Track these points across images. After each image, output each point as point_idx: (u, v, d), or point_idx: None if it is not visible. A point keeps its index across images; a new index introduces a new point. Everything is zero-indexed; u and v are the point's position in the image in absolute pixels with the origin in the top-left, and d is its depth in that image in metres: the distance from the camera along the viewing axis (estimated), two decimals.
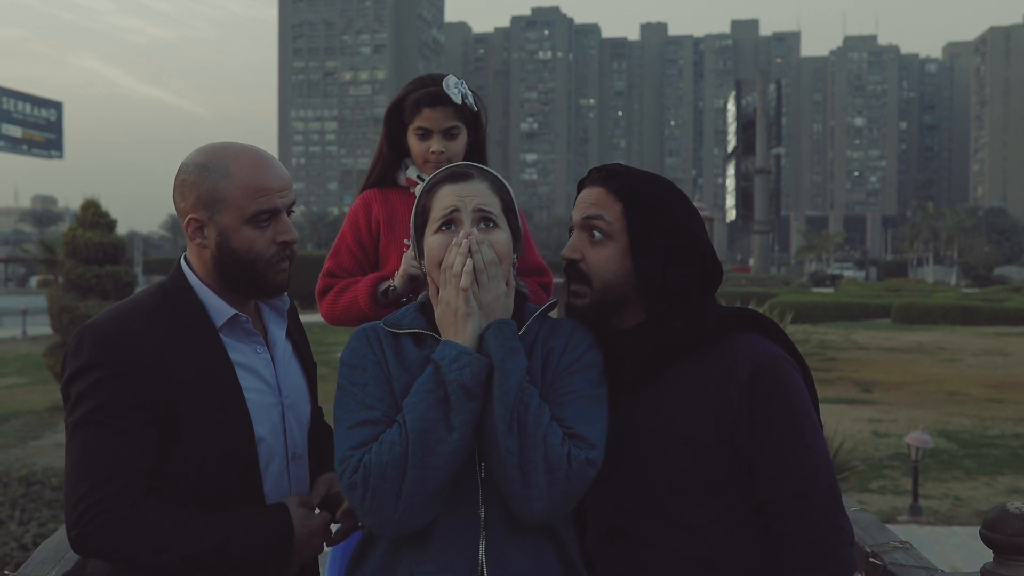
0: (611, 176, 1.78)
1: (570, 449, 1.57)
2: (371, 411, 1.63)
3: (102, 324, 1.73)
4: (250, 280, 1.80)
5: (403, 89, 2.53)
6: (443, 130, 2.46)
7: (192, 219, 1.78)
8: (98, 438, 1.64)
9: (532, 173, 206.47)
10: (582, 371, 1.69)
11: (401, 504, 1.55)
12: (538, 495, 1.56)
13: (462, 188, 1.72)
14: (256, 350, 1.84)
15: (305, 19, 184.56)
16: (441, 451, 1.56)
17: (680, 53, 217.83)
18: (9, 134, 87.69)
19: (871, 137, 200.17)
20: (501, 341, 1.62)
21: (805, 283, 67.20)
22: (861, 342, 26.29)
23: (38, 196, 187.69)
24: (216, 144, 1.83)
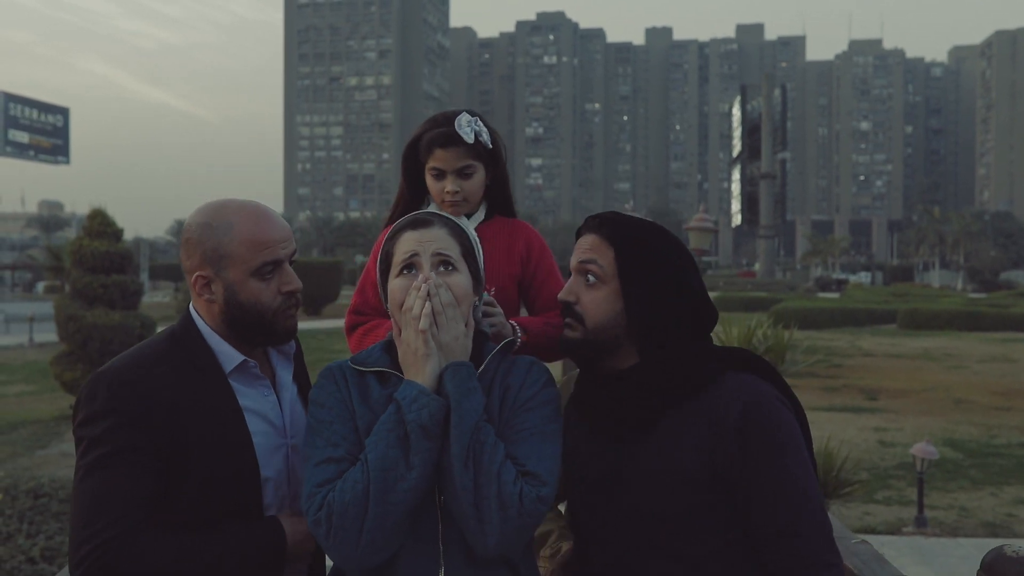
0: (604, 223, 1.87)
1: (522, 487, 1.64)
2: (335, 449, 1.70)
3: (115, 371, 1.78)
4: (259, 330, 1.87)
5: (418, 128, 2.54)
6: (456, 170, 2.44)
7: (199, 276, 1.84)
8: (106, 482, 1.70)
9: (537, 178, 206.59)
10: (537, 408, 1.75)
11: (363, 540, 1.61)
12: (491, 531, 1.62)
13: (422, 234, 1.80)
14: (264, 393, 1.91)
15: (311, 24, 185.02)
16: (401, 488, 1.62)
17: (685, 57, 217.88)
18: (16, 140, 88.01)
19: (876, 141, 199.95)
20: (457, 382, 1.69)
21: (811, 288, 67.17)
22: (867, 348, 26.24)
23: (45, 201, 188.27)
24: (216, 202, 1.89)
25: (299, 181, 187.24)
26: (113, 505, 1.69)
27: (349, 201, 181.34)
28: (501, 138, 2.58)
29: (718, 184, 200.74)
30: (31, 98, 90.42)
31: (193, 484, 1.76)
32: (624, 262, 1.82)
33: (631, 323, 1.81)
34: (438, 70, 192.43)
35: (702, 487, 1.72)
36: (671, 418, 1.76)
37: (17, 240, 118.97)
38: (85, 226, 15.15)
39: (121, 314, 14.54)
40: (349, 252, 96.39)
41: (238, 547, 1.79)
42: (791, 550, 1.67)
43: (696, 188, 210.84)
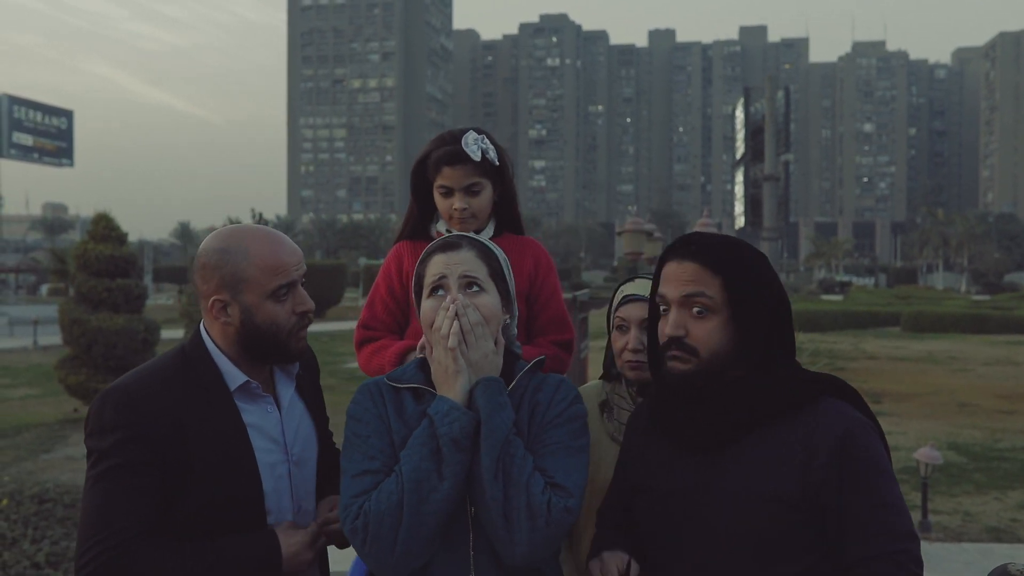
0: (702, 250, 1.81)
1: (551, 498, 1.71)
2: (372, 461, 1.78)
3: (124, 388, 1.86)
4: (273, 350, 1.96)
5: (426, 146, 2.57)
6: (464, 187, 2.48)
7: (216, 300, 1.91)
8: (111, 493, 1.78)
9: (540, 180, 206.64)
10: (564, 424, 1.83)
11: (398, 548, 1.69)
12: (520, 540, 1.69)
13: (450, 257, 1.88)
14: (267, 410, 1.98)
15: (314, 26, 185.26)
16: (434, 499, 1.70)
17: (688, 59, 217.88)
18: (20, 142, 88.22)
19: (880, 143, 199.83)
20: (488, 397, 1.77)
21: (814, 290, 67.07)
22: (871, 351, 26.20)
23: (49, 204, 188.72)
24: (231, 228, 1.97)
25: (302, 183, 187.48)
26: (116, 515, 1.76)
27: (352, 203, 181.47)
28: (508, 155, 2.61)
29: (721, 186, 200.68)
30: (35, 100, 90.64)
31: (195, 499, 1.83)
32: (734, 291, 1.79)
33: (743, 349, 1.80)
34: (441, 72, 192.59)
35: (791, 506, 1.73)
36: (762, 437, 1.77)
37: (21, 243, 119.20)
38: (89, 230, 15.18)
39: (125, 317, 14.57)
40: (352, 254, 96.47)
41: (234, 558, 1.84)
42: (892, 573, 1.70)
43: (699, 190, 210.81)
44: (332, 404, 1.95)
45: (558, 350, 2.58)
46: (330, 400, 2.12)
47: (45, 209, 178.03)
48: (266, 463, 1.92)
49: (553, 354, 2.54)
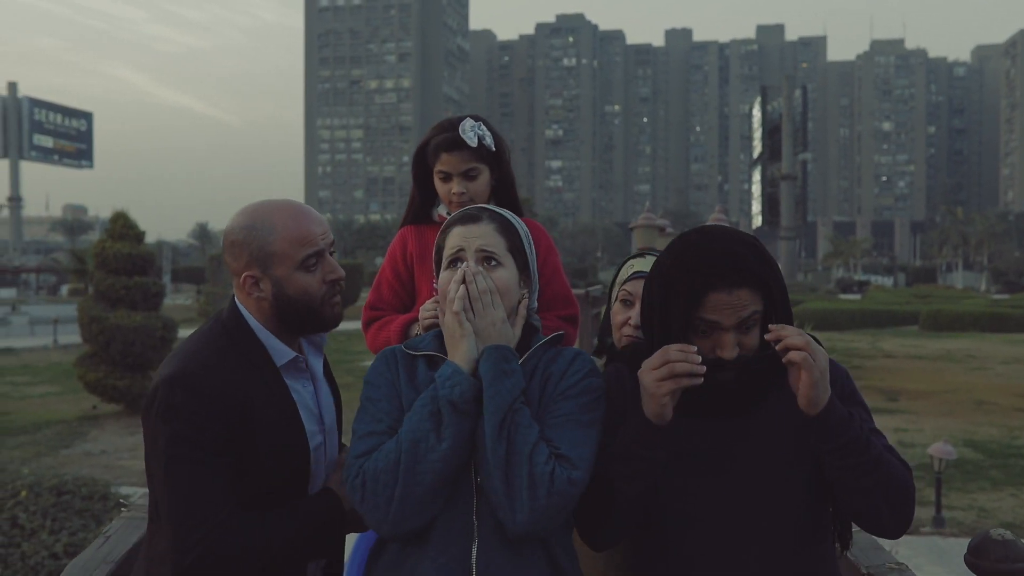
0: (750, 274, 1.78)
1: (554, 468, 1.71)
2: (378, 424, 1.83)
3: (191, 372, 1.87)
4: (308, 319, 1.98)
5: (426, 134, 2.71)
6: (462, 172, 2.60)
7: (248, 276, 1.94)
8: (196, 477, 1.81)
9: (557, 180, 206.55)
10: (576, 397, 1.82)
11: (393, 506, 1.72)
12: (520, 508, 1.70)
13: (468, 230, 1.91)
14: (304, 384, 2.03)
15: (331, 28, 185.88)
16: (430, 459, 1.72)
17: (705, 59, 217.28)
18: (41, 144, 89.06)
19: (899, 142, 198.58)
20: (492, 364, 1.78)
21: (832, 289, 66.78)
22: (888, 350, 26.11)
23: (69, 205, 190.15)
24: (255, 204, 2.01)
25: (319, 184, 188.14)
26: (207, 499, 1.80)
27: (369, 204, 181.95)
28: (505, 141, 2.72)
29: (738, 186, 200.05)
30: (55, 103, 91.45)
31: (255, 476, 1.87)
32: (772, 299, 1.81)
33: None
34: (458, 73, 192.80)
35: (813, 459, 1.82)
36: (777, 399, 1.84)
37: (42, 244, 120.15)
38: (108, 228, 15.34)
39: (143, 315, 14.71)
40: (369, 254, 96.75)
41: (308, 520, 1.91)
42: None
43: (716, 190, 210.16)
44: (350, 402, 1.97)
45: (565, 324, 2.68)
46: (347, 397, 2.16)
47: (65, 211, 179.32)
48: (307, 435, 1.98)
49: (555, 326, 2.60)
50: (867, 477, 1.74)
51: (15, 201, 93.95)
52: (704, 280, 1.77)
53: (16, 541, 6.75)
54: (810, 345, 1.72)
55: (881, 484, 1.76)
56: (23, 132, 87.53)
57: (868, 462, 1.74)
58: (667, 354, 1.73)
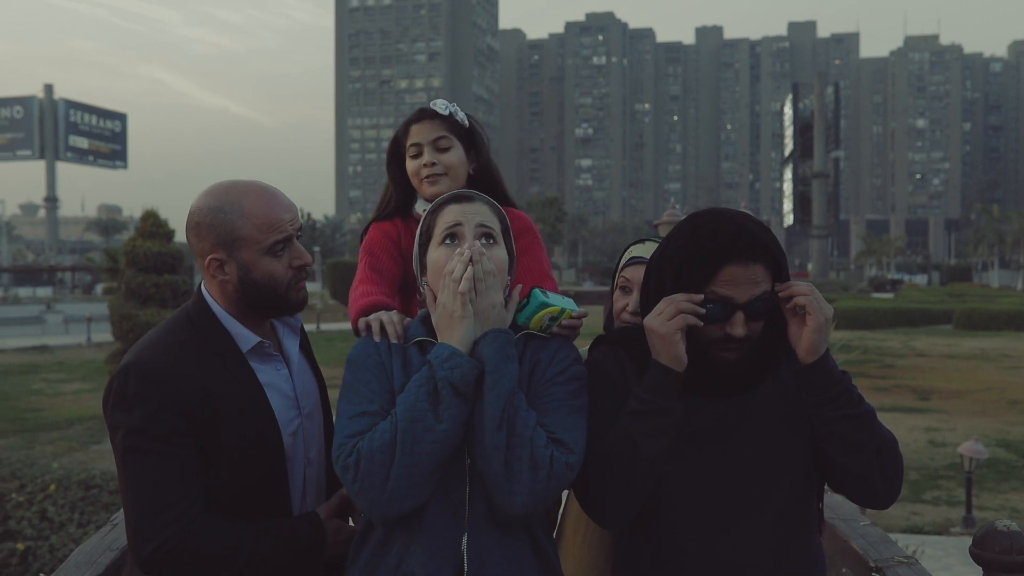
0: (765, 250, 1.78)
1: (553, 451, 1.71)
2: (370, 404, 1.77)
3: (145, 360, 1.83)
4: (272, 305, 1.95)
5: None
6: (431, 142, 2.44)
7: (213, 259, 1.89)
8: (157, 470, 1.77)
9: (587, 179, 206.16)
10: (565, 383, 1.82)
11: (389, 487, 1.68)
12: (520, 490, 1.68)
13: (465, 207, 1.88)
14: (276, 368, 1.98)
15: (361, 28, 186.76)
16: (428, 439, 1.68)
17: (736, 56, 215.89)
18: (76, 145, 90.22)
19: (933, 139, 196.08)
20: (496, 347, 1.75)
21: (865, 288, 66.13)
22: (921, 349, 25.80)
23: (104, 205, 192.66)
24: (223, 184, 1.94)
25: (350, 183, 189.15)
26: (169, 497, 1.76)
27: None
28: (482, 125, 2.60)
29: (770, 184, 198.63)
30: (90, 104, 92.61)
31: (224, 464, 1.83)
32: (779, 279, 1.81)
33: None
34: (487, 72, 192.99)
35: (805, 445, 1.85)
36: (774, 377, 1.87)
37: (77, 243, 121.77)
38: (138, 227, 15.50)
39: (172, 312, 14.87)
40: None
41: (282, 542, 1.87)
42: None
43: (748, 188, 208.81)
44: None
45: None
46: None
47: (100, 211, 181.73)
48: (282, 420, 1.93)
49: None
50: (861, 432, 1.74)
51: (51, 201, 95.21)
52: (721, 252, 1.75)
53: (45, 534, 6.84)
54: (815, 292, 1.75)
55: (873, 443, 1.75)
56: (59, 133, 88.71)
57: (862, 415, 1.75)
58: (671, 299, 1.75)
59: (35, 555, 6.62)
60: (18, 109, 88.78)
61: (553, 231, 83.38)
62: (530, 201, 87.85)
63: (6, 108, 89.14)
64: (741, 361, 1.81)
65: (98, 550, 2.57)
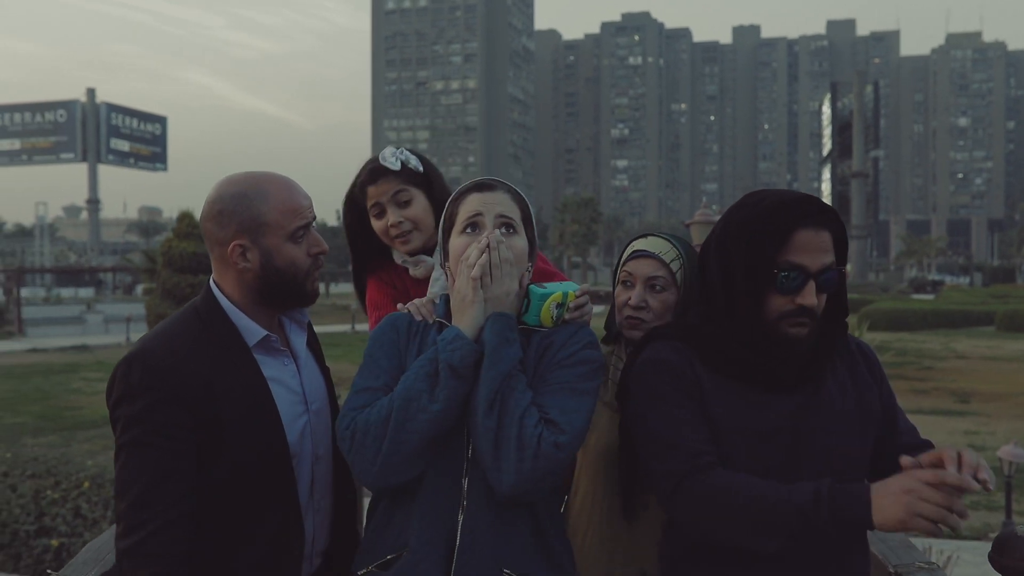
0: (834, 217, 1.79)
1: (542, 431, 1.72)
2: (376, 380, 1.85)
3: (149, 351, 1.83)
4: (290, 293, 1.95)
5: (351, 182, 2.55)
6: (391, 198, 2.43)
7: (236, 245, 1.88)
8: (148, 462, 1.76)
9: (623, 179, 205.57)
10: (572, 366, 1.84)
11: (380, 460, 1.74)
12: (507, 469, 1.71)
13: (486, 196, 1.91)
14: (283, 363, 1.98)
15: (398, 30, 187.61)
16: (420, 419, 1.74)
17: (774, 55, 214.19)
18: (118, 148, 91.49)
19: (976, 138, 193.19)
20: (496, 331, 1.79)
21: (905, 289, 65.27)
22: (961, 351, 25.37)
23: (144, 207, 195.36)
24: (242, 174, 1.96)
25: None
26: (160, 483, 1.75)
27: None
28: (431, 161, 2.56)
29: (808, 184, 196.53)
30: (131, 108, 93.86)
31: (227, 459, 1.82)
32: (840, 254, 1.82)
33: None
34: (523, 73, 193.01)
35: (877, 422, 1.88)
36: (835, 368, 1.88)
37: (119, 245, 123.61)
38: (174, 228, 15.68)
39: None
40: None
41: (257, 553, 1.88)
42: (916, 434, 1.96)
43: (785, 188, 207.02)
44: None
45: None
46: None
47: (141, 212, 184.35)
48: (288, 415, 1.92)
49: None
50: None
51: (93, 203, 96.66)
52: (793, 216, 1.74)
53: (79, 531, 6.91)
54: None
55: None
56: (101, 137, 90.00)
57: None
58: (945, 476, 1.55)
59: (69, 552, 6.69)
60: (61, 113, 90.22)
61: (588, 232, 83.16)
62: (565, 202, 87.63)
63: (50, 112, 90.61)
64: (808, 338, 1.79)
65: (107, 547, 2.58)
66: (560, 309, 1.92)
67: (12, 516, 6.19)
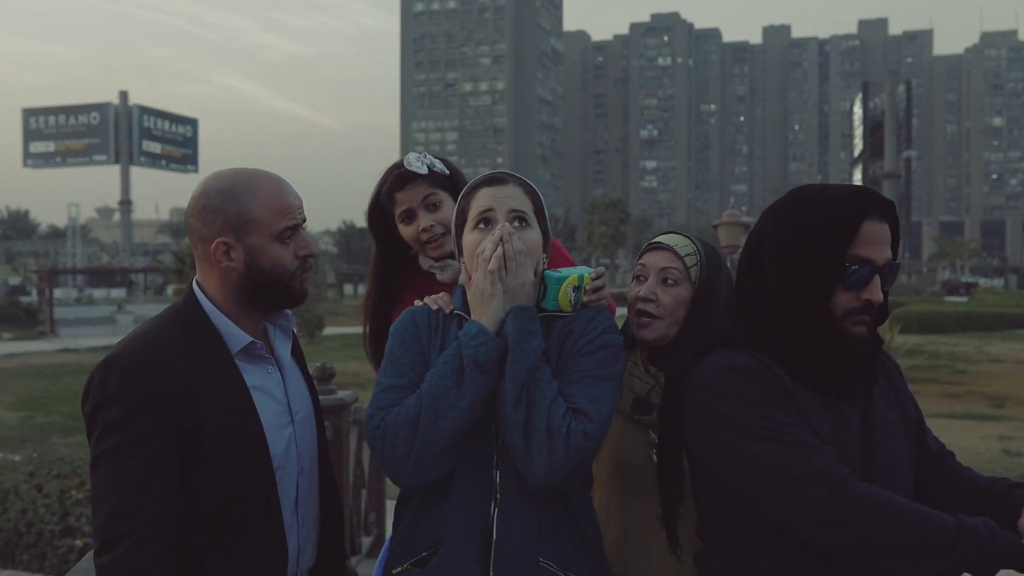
0: (893, 207, 1.73)
1: (570, 422, 1.73)
2: (401, 377, 1.85)
3: (128, 355, 1.75)
4: (276, 294, 1.88)
5: (375, 188, 2.52)
6: (422, 203, 2.43)
7: (220, 242, 1.81)
8: (127, 473, 1.68)
9: (652, 180, 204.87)
10: (594, 352, 1.85)
11: (412, 459, 1.74)
12: (539, 462, 1.72)
13: (497, 191, 1.92)
14: (268, 371, 1.91)
15: (426, 32, 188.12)
16: (450, 416, 1.74)
17: (804, 55, 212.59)
18: (149, 150, 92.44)
19: (1011, 138, 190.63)
20: (519, 324, 1.80)
21: (938, 291, 64.45)
22: (996, 354, 24.97)
23: (176, 209, 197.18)
24: (230, 170, 1.89)
25: None
26: (138, 503, 1.67)
27: None
28: (456, 165, 2.54)
29: None
30: (163, 110, 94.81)
31: (206, 471, 1.75)
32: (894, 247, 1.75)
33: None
34: (552, 74, 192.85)
35: (917, 423, 1.87)
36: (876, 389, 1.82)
37: (150, 246, 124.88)
38: None
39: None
40: None
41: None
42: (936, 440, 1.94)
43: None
44: None
45: None
46: None
47: (172, 214, 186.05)
48: (272, 425, 1.86)
49: None
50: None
51: (125, 205, 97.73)
52: (860, 207, 1.68)
53: None
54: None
55: None
56: (133, 139, 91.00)
57: None
58: None
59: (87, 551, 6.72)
60: (95, 115, 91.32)
61: (617, 233, 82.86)
62: (594, 203, 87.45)
63: (83, 115, 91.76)
64: (868, 338, 1.74)
65: None
66: (577, 293, 1.92)
67: (37, 516, 6.20)
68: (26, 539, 6.18)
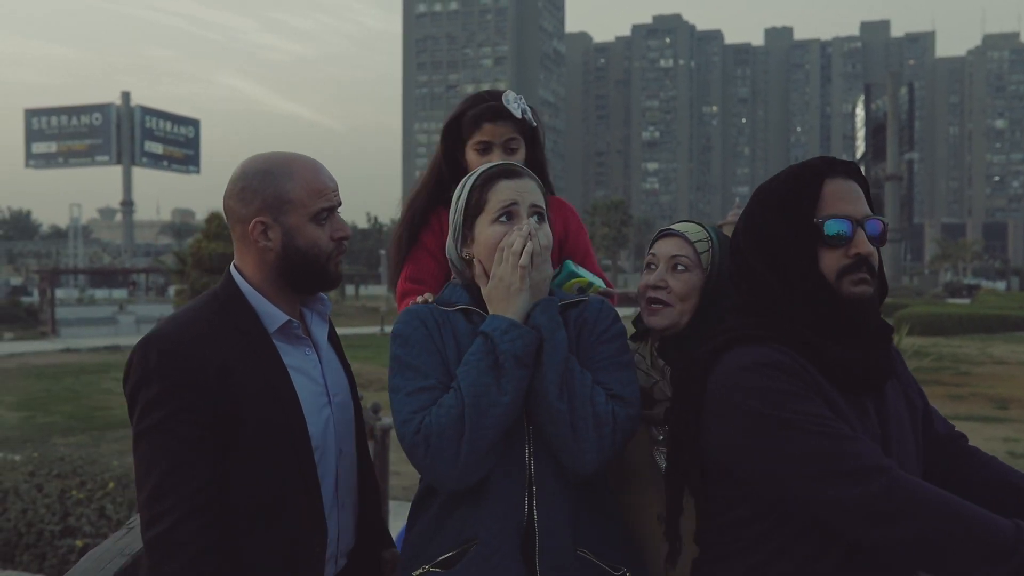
0: (857, 169, 1.75)
1: (614, 407, 1.78)
2: (427, 379, 1.79)
3: (165, 335, 1.79)
4: (312, 275, 1.89)
5: (460, 105, 2.51)
6: (503, 143, 2.44)
7: (258, 222, 1.84)
8: (167, 450, 1.72)
9: (653, 182, 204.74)
10: (610, 340, 1.89)
11: (460, 460, 1.71)
12: (588, 448, 1.74)
13: (519, 184, 1.91)
14: (305, 352, 1.93)
15: (428, 33, 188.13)
16: (494, 412, 1.73)
17: (806, 57, 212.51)
18: (151, 151, 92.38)
19: (1013, 140, 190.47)
20: (549, 316, 1.82)
21: (939, 294, 64.34)
22: (999, 356, 24.91)
23: (178, 209, 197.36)
24: (268, 153, 1.92)
25: None
26: (180, 478, 1.71)
27: None
28: (543, 122, 2.54)
29: None
30: (164, 111, 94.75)
31: (246, 447, 1.77)
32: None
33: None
34: (554, 76, 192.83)
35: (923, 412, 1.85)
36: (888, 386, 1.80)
37: (152, 246, 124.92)
38: (203, 229, 15.73)
39: None
40: None
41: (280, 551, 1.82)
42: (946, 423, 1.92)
43: None
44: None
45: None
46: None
47: (174, 214, 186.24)
48: (311, 406, 1.87)
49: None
50: None
51: (127, 205, 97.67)
52: (819, 169, 1.71)
53: (104, 531, 6.88)
54: None
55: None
56: (135, 139, 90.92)
57: None
58: None
59: None
60: (97, 116, 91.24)
61: (619, 235, 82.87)
62: (596, 204, 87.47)
63: (85, 115, 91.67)
64: (873, 299, 1.69)
65: (109, 555, 2.48)
66: (580, 294, 2.00)
67: (37, 516, 6.17)
68: (26, 539, 6.15)
